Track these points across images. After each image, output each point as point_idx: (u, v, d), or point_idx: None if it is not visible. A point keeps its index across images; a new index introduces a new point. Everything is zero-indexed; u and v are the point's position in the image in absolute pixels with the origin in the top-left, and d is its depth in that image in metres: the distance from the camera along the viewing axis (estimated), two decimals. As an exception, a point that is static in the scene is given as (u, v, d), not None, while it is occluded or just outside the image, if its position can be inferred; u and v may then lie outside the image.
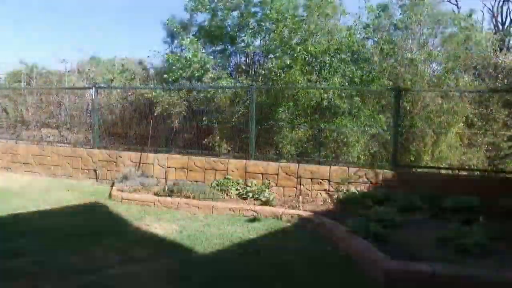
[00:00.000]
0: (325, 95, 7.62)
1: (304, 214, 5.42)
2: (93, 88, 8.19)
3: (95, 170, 7.97)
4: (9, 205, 6.02)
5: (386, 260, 3.54)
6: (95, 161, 7.98)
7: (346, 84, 8.03)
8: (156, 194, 6.36)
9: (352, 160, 7.09)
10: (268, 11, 8.80)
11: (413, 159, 7.65)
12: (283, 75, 7.95)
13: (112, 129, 9.89)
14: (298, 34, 8.74)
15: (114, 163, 7.79)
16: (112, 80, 11.52)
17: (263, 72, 8.85)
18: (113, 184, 7.31)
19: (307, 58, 8.21)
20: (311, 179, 6.43)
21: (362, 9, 8.85)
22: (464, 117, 7.60)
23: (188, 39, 9.00)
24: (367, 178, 6.17)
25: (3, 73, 18.41)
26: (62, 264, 3.85)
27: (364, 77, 8.36)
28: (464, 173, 6.76)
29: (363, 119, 7.53)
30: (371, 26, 8.81)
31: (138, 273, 3.71)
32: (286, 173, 6.56)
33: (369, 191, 5.87)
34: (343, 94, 7.62)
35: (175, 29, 9.79)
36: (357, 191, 6.01)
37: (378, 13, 8.71)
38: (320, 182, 6.38)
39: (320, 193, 6.36)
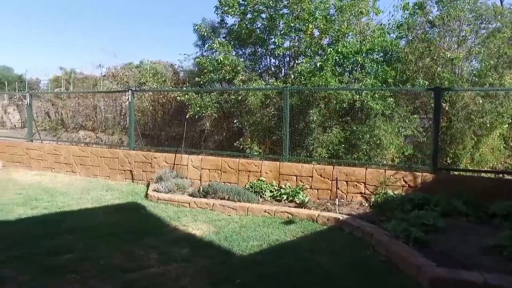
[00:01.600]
0: (357, 96, 7.49)
1: (341, 217, 5.34)
2: (129, 91, 8.43)
3: (131, 171, 8.21)
4: (56, 203, 6.35)
5: (431, 267, 3.43)
6: (131, 162, 8.23)
7: (379, 84, 7.86)
8: (191, 195, 6.47)
9: (386, 162, 6.92)
10: (298, 12, 8.75)
11: (450, 162, 7.36)
12: (314, 77, 7.88)
13: (145, 131, 10.20)
14: (329, 34, 8.66)
15: (149, 164, 7.99)
16: (144, 84, 11.85)
17: (293, 74, 8.81)
18: (148, 185, 7.51)
19: (338, 59, 8.10)
20: (346, 181, 6.33)
21: (396, 7, 8.63)
22: (510, 118, 7.22)
23: (218, 42, 9.10)
24: (405, 181, 5.99)
25: (46, 79, 19.47)
26: (106, 262, 4.00)
27: (397, 77, 8.15)
28: (509, 177, 6.42)
29: (397, 120, 7.34)
30: (405, 24, 8.55)
31: (179, 273, 3.78)
32: (321, 175, 6.49)
33: (407, 195, 5.69)
34: (376, 95, 7.45)
35: (205, 33, 9.94)
36: (395, 194, 5.84)
37: (414, 11, 8.42)
38: (356, 185, 6.27)
39: (356, 196, 6.24)
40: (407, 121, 7.31)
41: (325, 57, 8.07)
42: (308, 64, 8.00)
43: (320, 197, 6.47)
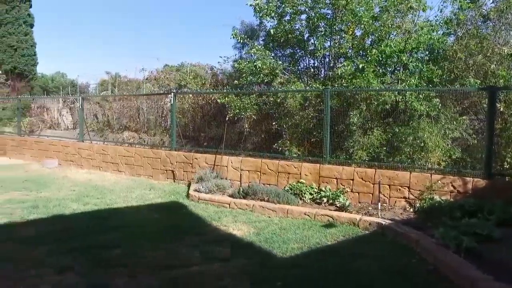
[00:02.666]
0: (400, 97, 7.21)
1: (383, 221, 5.18)
2: (171, 93, 8.74)
3: (172, 171, 8.50)
4: (104, 200, 6.73)
5: (489, 281, 3.21)
6: (173, 162, 8.52)
7: (424, 84, 7.52)
8: (231, 195, 6.58)
9: (432, 166, 6.60)
10: (339, 13, 8.60)
11: (507, 167, 6.86)
12: (355, 78, 7.70)
13: (185, 132, 10.51)
14: (372, 34, 8.42)
15: (190, 165, 8.23)
16: (184, 86, 12.22)
17: (333, 75, 8.67)
18: (189, 185, 7.74)
19: (380, 59, 7.86)
20: (389, 185, 6.12)
21: (445, 1, 8.18)
22: None
23: (256, 48, 9.17)
24: (454, 187, 5.68)
25: (94, 83, 20.72)
26: (152, 258, 4.17)
27: (444, 77, 7.75)
28: None
29: (444, 122, 6.97)
30: (454, 19, 8.09)
31: (221, 272, 3.85)
32: (362, 178, 6.33)
33: (456, 201, 5.39)
34: (421, 96, 7.14)
35: (240, 40, 10.08)
36: (442, 200, 5.56)
37: (467, 4, 7.92)
38: (399, 189, 6.04)
39: (399, 201, 6.02)
40: (454, 122, 6.93)
41: (367, 57, 7.87)
42: (350, 66, 7.81)
43: (361, 201, 6.31)
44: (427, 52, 8.34)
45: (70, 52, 60.36)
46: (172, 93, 8.80)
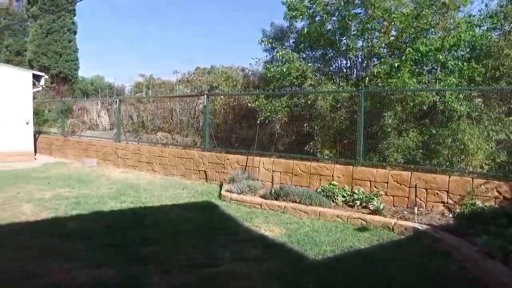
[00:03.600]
0: (438, 97, 6.91)
1: (420, 226, 4.99)
2: (205, 95, 8.91)
3: (205, 171, 8.66)
4: (140, 199, 6.98)
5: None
6: (205, 162, 8.68)
7: (464, 84, 7.16)
8: (262, 196, 6.60)
9: (473, 169, 6.27)
10: (372, 12, 8.39)
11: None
12: (390, 78, 7.48)
13: (216, 133, 10.66)
14: (407, 32, 8.14)
15: (222, 165, 8.35)
16: (216, 88, 12.40)
17: (366, 75, 8.47)
18: (221, 185, 7.85)
19: (416, 58, 7.57)
20: (426, 189, 5.88)
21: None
22: None
23: (282, 52, 9.15)
24: (499, 192, 5.35)
25: (129, 85, 21.59)
26: (184, 256, 4.27)
27: (488, 75, 7.34)
28: None
29: (486, 123, 6.60)
30: (500, 13, 7.63)
31: (252, 272, 3.88)
32: (397, 181, 6.14)
33: (502, 207, 5.08)
34: (461, 96, 6.80)
35: (268, 44, 10.10)
36: (485, 206, 5.26)
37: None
38: (437, 193, 5.79)
39: (437, 205, 5.77)
40: (499, 124, 6.55)
41: (403, 56, 7.61)
42: (384, 65, 7.60)
43: (395, 205, 6.12)
44: (468, 50, 7.95)
45: (108, 56, 63.28)
46: (205, 95, 8.97)
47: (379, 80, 7.69)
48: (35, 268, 3.83)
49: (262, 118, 8.50)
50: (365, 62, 9.32)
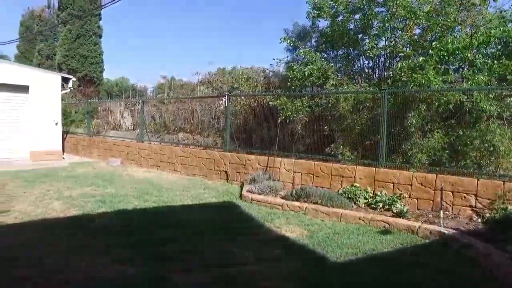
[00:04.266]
0: (465, 97, 6.68)
1: (446, 231, 4.84)
2: (226, 96, 8.99)
3: (226, 172, 8.73)
4: (162, 198, 7.12)
5: None
6: (226, 163, 8.75)
7: (495, 82, 6.88)
8: (283, 197, 6.59)
9: (504, 172, 6.02)
10: (394, 9, 8.21)
11: None
12: (413, 76, 7.29)
13: (237, 133, 10.74)
14: (432, 30, 7.92)
15: (243, 166, 8.39)
16: (237, 88, 12.49)
17: (389, 74, 8.31)
18: (242, 185, 7.89)
19: (442, 56, 7.35)
20: (452, 192, 5.70)
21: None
22: None
23: (304, 51, 9.09)
24: (533, 197, 5.13)
25: (152, 87, 22.08)
26: (206, 255, 4.32)
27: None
28: None
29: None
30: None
31: (273, 272, 3.88)
32: (421, 184, 5.98)
33: (535, 213, 4.86)
34: (491, 95, 6.55)
35: (291, 44, 10.06)
36: (517, 210, 5.04)
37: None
38: (464, 197, 5.60)
39: (464, 209, 5.57)
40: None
41: (427, 54, 7.41)
42: (409, 63, 7.42)
43: (420, 208, 5.96)
44: (499, 47, 7.63)
45: (131, 57, 64.92)
46: (226, 96, 9.05)
47: (403, 74, 7.48)
48: (66, 262, 3.99)
49: (283, 117, 8.48)
50: (388, 61, 9.15)
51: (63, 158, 13.12)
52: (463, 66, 7.82)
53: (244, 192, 7.08)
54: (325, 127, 8.32)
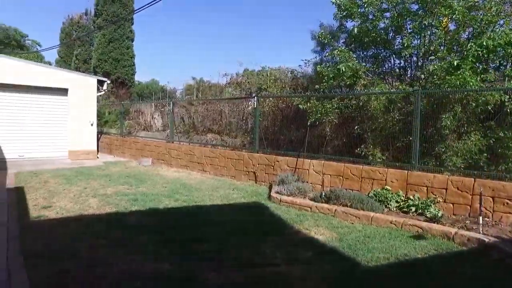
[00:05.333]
0: (507, 97, 6.34)
1: (486, 238, 4.62)
2: (255, 97, 9.05)
3: (254, 172, 8.78)
4: (192, 198, 7.27)
5: None
6: (255, 164, 8.80)
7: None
8: (312, 199, 6.55)
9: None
10: (430, 6, 7.93)
11: None
12: (446, 79, 7.02)
13: (265, 134, 10.77)
14: (470, 26, 7.58)
15: (272, 167, 8.41)
16: (265, 90, 12.51)
17: (422, 75, 8.04)
18: (270, 186, 7.91)
19: (481, 54, 7.02)
20: (492, 197, 5.43)
21: None
22: None
23: (339, 50, 8.94)
24: None
25: (181, 88, 22.61)
26: (237, 255, 4.36)
27: None
28: None
29: None
30: None
31: (303, 275, 3.87)
32: (458, 188, 5.74)
33: None
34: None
35: (325, 40, 9.92)
36: None
37: None
38: (506, 203, 5.31)
39: (507, 216, 5.28)
40: None
41: (464, 53, 7.11)
42: (444, 63, 7.15)
43: (456, 213, 5.72)
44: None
45: (161, 60, 66.75)
46: (255, 97, 9.10)
47: (435, 78, 7.24)
48: (103, 257, 4.17)
49: (313, 119, 8.41)
50: (421, 61, 8.85)
51: (98, 157, 13.70)
52: (505, 63, 7.45)
53: (273, 193, 7.09)
54: (355, 128, 8.17)
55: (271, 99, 11.47)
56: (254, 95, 9.64)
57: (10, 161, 11.50)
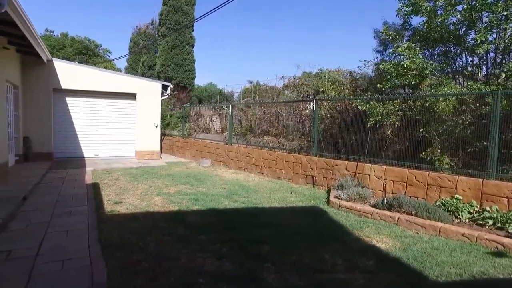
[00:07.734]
0: None
1: None
2: (314, 100, 8.95)
3: (312, 176, 8.68)
4: (250, 199, 7.41)
5: None
6: (313, 167, 8.70)
7: None
8: (373, 206, 6.29)
9: None
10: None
11: None
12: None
13: (322, 138, 10.58)
14: None
15: (330, 171, 8.24)
16: (323, 92, 12.31)
17: (503, 73, 7.29)
18: (329, 191, 7.75)
19: None
20: None
21: None
22: None
23: (405, 45, 8.45)
24: None
25: (238, 91, 23.20)
26: (297, 259, 4.34)
27: None
28: None
29: None
30: None
31: (366, 284, 3.73)
32: (545, 201, 5.12)
33: None
34: None
35: (390, 37, 9.46)
36: None
37: None
38: None
39: None
40: None
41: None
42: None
43: (543, 228, 5.09)
44: None
45: (219, 64, 69.10)
46: (314, 100, 9.01)
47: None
48: (169, 252, 4.43)
49: (373, 122, 8.08)
50: (499, 57, 8.04)
51: (161, 157, 14.60)
52: None
53: (332, 197, 6.94)
54: (420, 131, 7.67)
55: (329, 101, 11.25)
56: (313, 98, 9.52)
57: (88, 159, 12.82)
